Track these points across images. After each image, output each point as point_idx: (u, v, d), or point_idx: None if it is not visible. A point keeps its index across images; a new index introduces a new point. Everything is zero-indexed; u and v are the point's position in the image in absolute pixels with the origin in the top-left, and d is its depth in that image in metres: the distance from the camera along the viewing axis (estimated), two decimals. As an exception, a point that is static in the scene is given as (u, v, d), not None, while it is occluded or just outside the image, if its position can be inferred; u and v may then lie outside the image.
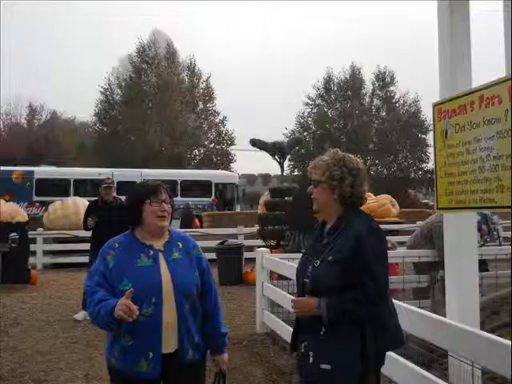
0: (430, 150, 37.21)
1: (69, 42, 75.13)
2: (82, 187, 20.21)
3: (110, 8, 70.39)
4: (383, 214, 14.06)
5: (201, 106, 40.77)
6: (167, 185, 2.60)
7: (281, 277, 6.30)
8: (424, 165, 41.62)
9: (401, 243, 9.97)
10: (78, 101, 68.78)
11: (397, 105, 42.44)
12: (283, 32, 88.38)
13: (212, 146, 40.58)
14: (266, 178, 55.66)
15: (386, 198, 14.80)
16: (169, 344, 2.33)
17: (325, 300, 2.21)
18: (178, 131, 37.51)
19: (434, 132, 3.73)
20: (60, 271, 12.06)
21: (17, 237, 9.79)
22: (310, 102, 43.23)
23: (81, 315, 7.00)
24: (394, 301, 2.54)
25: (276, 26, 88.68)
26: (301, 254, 2.62)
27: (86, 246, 8.40)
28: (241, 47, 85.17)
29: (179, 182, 20.64)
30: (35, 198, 19.26)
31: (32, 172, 19.83)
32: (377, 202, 14.32)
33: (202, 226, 16.19)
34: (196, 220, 16.99)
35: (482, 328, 3.81)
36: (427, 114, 39.46)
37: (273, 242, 10.22)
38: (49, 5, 70.89)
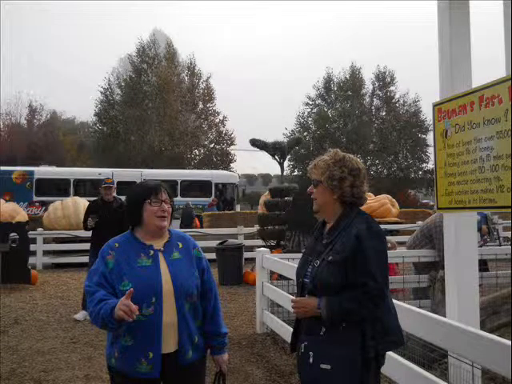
0: (430, 149, 37.20)
1: (69, 41, 75.20)
2: (81, 187, 20.20)
3: (110, 8, 70.47)
4: (383, 214, 14.07)
5: (201, 106, 40.78)
6: (167, 185, 2.60)
7: (281, 277, 6.30)
8: (424, 165, 41.64)
9: (401, 243, 9.97)
10: (78, 100, 68.78)
11: (397, 105, 42.46)
12: (284, 31, 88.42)
13: (212, 146, 40.59)
14: (265, 177, 55.67)
15: (385, 198, 14.81)
16: (169, 344, 2.33)
17: (325, 300, 2.21)
18: (177, 131, 37.51)
19: (434, 132, 3.74)
20: (60, 271, 12.06)
21: (17, 237, 9.79)
22: (310, 102, 43.25)
23: (81, 315, 7.01)
24: (394, 301, 2.54)
25: (276, 24, 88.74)
26: (301, 254, 2.62)
27: (86, 246, 8.40)
28: (241, 46, 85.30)
29: (179, 181, 20.64)
30: (35, 198, 19.25)
31: (32, 172, 19.82)
32: (377, 202, 14.33)
33: (201, 226, 16.19)
34: (196, 220, 16.99)
35: (482, 328, 3.81)
36: (427, 113, 39.53)
37: (273, 242, 10.22)
38: (49, 5, 70.93)
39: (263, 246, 8.33)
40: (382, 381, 3.07)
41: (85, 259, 9.15)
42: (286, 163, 14.43)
